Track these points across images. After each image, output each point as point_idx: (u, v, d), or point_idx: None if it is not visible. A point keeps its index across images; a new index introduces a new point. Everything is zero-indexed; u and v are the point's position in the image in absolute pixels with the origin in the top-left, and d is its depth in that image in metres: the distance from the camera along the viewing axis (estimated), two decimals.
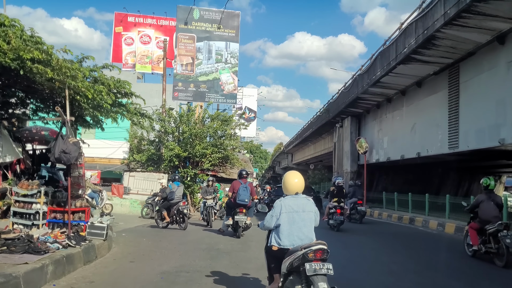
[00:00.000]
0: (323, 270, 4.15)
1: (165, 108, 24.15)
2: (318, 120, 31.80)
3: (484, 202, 8.23)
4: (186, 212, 12.01)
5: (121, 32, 36.86)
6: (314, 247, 4.26)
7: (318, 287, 4.06)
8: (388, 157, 20.41)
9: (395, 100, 19.65)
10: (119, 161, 25.35)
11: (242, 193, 10.41)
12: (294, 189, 4.77)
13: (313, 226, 4.74)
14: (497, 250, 7.71)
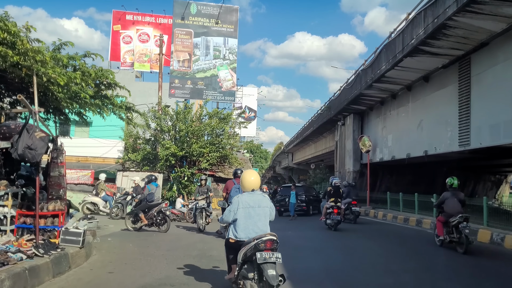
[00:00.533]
0: (272, 258, 4.62)
1: (161, 106, 23.32)
2: (320, 118, 30.93)
3: (449, 199, 9.47)
4: (169, 214, 11.87)
5: (119, 31, 36.47)
6: (264, 238, 4.77)
7: (267, 274, 4.51)
8: (392, 156, 19.54)
9: (401, 96, 18.78)
10: (114, 161, 24.51)
11: (234, 194, 9.72)
12: (251, 186, 5.21)
13: (267, 220, 5.20)
14: (458, 239, 9.00)
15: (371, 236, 12.22)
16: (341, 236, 12.00)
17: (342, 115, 25.40)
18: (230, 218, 5.19)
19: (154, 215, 11.59)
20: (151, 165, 23.29)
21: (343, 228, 13.25)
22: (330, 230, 12.80)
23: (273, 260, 4.64)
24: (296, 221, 18.73)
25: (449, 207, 9.42)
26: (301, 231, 13.63)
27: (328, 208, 13.08)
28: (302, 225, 16.50)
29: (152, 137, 23.37)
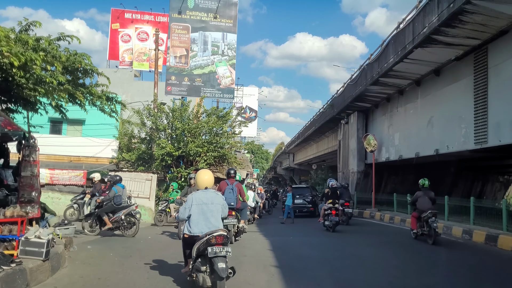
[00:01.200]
0: (223, 252, 4.98)
1: (156, 103, 22.32)
2: (322, 116, 29.87)
3: (421, 197, 11.00)
4: (138, 217, 11.04)
5: (118, 29, 35.92)
6: (215, 233, 5.13)
7: (217, 267, 4.87)
8: (400, 155, 18.47)
9: (409, 92, 17.72)
10: (108, 160, 23.48)
11: (228, 195, 9.53)
12: (204, 184, 5.64)
13: (220, 216, 5.54)
14: (428, 232, 10.42)
15: (380, 243, 11.14)
16: (346, 242, 11.07)
17: (346, 113, 24.36)
18: (185, 215, 5.51)
19: (121, 218, 10.70)
20: (146, 165, 22.29)
21: (342, 230, 13.45)
22: (328, 231, 13.03)
23: (223, 254, 5.02)
24: (298, 223, 17.70)
25: (421, 205, 10.92)
26: (304, 236, 12.60)
27: (326, 209, 13.30)
28: (304, 229, 15.50)
29: (147, 136, 22.38)
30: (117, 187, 11.13)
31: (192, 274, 5.32)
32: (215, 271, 4.94)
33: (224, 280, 4.96)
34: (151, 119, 21.76)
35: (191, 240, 5.36)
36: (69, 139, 23.38)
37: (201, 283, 5.12)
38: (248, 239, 11.01)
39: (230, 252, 5.10)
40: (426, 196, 10.97)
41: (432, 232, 10.21)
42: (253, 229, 14.56)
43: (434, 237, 10.19)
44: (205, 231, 5.28)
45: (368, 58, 18.73)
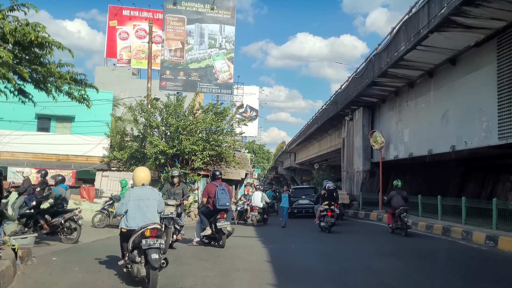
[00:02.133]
0: (156, 244, 5.40)
1: (149, 99, 21.04)
2: (325, 113, 28.53)
3: (395, 196, 12.83)
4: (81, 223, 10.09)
5: (116, 26, 35.40)
6: (150, 226, 5.53)
7: (151, 258, 5.27)
8: (410, 153, 17.12)
9: (420, 84, 16.37)
10: (98, 159, 22.17)
11: (222, 196, 9.10)
12: (141, 181, 6.04)
13: (156, 211, 5.88)
14: (401, 226, 12.22)
15: (393, 252, 9.80)
16: (354, 250, 9.77)
17: (350, 109, 23.03)
18: (123, 210, 5.74)
19: (61, 222, 9.74)
20: (139, 164, 20.97)
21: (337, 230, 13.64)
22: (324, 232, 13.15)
23: (157, 245, 5.35)
24: (298, 225, 16.42)
25: (394, 202, 12.69)
26: (306, 243, 11.26)
27: (322, 211, 13.46)
28: (305, 232, 14.21)
29: (140, 134, 21.08)
30: (59, 188, 10.14)
31: (127, 265, 5.64)
32: (149, 261, 5.28)
33: (157, 270, 5.33)
34: (143, 116, 20.48)
35: (128, 234, 5.62)
36: (57, 137, 22.08)
37: (135, 273, 5.41)
38: (244, 247, 9.68)
39: (163, 244, 5.53)
40: (399, 195, 12.89)
41: (404, 225, 12.15)
42: (251, 234, 13.23)
43: (405, 230, 12.16)
44: (142, 224, 5.57)
45: (375, 48, 17.40)
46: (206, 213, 9.29)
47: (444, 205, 14.69)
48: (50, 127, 22.78)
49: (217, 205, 9.02)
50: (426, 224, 14.22)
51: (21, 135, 20.96)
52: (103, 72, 35.29)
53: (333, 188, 14.10)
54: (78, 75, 8.19)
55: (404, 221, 11.97)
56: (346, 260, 8.37)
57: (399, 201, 12.58)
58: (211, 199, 9.17)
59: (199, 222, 9.21)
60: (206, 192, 9.35)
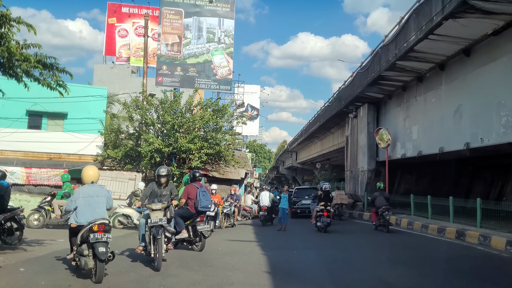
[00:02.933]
0: (104, 238, 5.78)
1: (144, 95, 20.15)
2: (327, 111, 27.58)
3: (378, 197, 14.36)
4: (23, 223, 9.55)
5: (115, 24, 34.92)
6: (98, 221, 5.87)
7: (98, 251, 5.66)
8: (419, 151, 16.14)
9: (430, 78, 15.40)
10: (92, 158, 21.23)
11: (204, 198, 8.82)
12: (90, 179, 6.41)
13: (105, 207, 6.22)
14: (383, 223, 13.78)
15: (408, 261, 8.85)
16: (365, 258, 8.81)
17: (354, 105, 22.06)
18: (72, 207, 6.07)
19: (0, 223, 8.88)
20: (134, 163, 20.12)
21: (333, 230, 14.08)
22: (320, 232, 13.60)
23: (104, 239, 5.79)
24: (296, 227, 15.48)
25: (377, 202, 14.11)
26: (310, 248, 10.31)
27: (318, 211, 13.86)
28: (308, 236, 13.27)
29: (135, 131, 20.17)
30: None
31: (75, 258, 5.94)
32: (96, 254, 5.64)
33: (104, 262, 5.70)
34: (138, 113, 19.59)
35: (77, 229, 5.91)
36: (49, 135, 21.13)
37: (83, 265, 5.79)
38: (240, 253, 8.74)
39: (110, 238, 5.85)
40: (382, 196, 14.40)
41: (386, 222, 13.67)
42: (249, 238, 12.30)
43: (387, 227, 13.62)
44: (90, 220, 5.86)
45: (382, 40, 16.45)
46: (186, 215, 8.92)
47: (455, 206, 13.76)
48: (42, 124, 21.83)
49: (199, 207, 8.77)
50: (438, 227, 13.28)
51: (10, 132, 20.04)
52: (102, 70, 34.52)
53: (329, 189, 14.65)
54: (47, 58, 7.21)
55: (386, 218, 13.74)
56: (355, 270, 7.43)
57: (382, 201, 14.09)
58: (191, 201, 8.87)
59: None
60: (186, 194, 8.98)
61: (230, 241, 11.40)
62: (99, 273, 5.63)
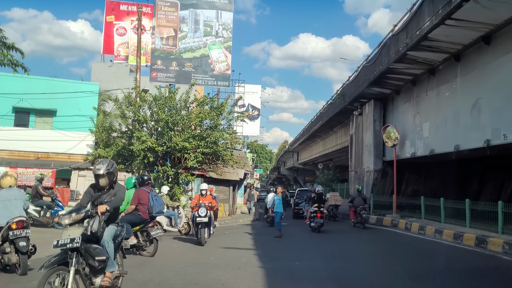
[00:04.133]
0: (23, 234, 6.30)
1: (137, 91, 18.98)
2: (330, 109, 26.39)
3: (356, 198, 16.33)
4: None
5: (113, 22, 34.08)
6: (15, 219, 6.37)
7: (19, 245, 6.21)
8: (431, 150, 14.94)
9: (443, 70, 14.21)
10: (82, 158, 20.04)
11: (157, 203, 8.60)
12: (8, 184, 6.81)
13: (22, 208, 6.65)
14: (360, 220, 15.65)
15: (427, 272, 7.67)
16: (377, 269, 7.58)
17: (359, 102, 20.89)
18: None
19: None
20: (127, 163, 18.93)
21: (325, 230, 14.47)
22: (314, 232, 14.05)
23: (24, 235, 6.31)
24: (300, 231, 14.28)
25: (356, 202, 15.97)
26: (314, 260, 9.05)
27: (312, 212, 14.45)
28: (309, 242, 12.04)
29: (127, 129, 19.00)
30: None
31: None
32: (18, 249, 6.25)
33: (26, 255, 6.35)
34: (131, 110, 18.42)
35: None
36: (36, 133, 20.00)
37: (7, 261, 6.32)
38: (234, 265, 7.56)
39: (30, 233, 6.47)
40: (359, 197, 16.24)
41: (363, 220, 15.50)
42: (246, 245, 11.10)
43: (363, 224, 15.44)
44: (8, 220, 6.38)
45: (391, 30, 15.25)
46: (134, 222, 8.43)
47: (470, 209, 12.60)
48: (29, 122, 20.69)
49: (153, 213, 8.51)
50: (454, 233, 12.06)
51: None
52: (100, 69, 33.53)
53: (321, 192, 15.38)
54: (5, 38, 6.05)
55: (363, 217, 15.57)
56: None
57: (360, 201, 16.02)
58: (143, 206, 8.46)
59: None
60: (137, 199, 8.50)
61: (224, 249, 10.23)
62: (23, 265, 6.20)
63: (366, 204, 16.30)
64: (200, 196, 11.71)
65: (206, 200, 11.66)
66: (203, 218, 10.80)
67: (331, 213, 19.34)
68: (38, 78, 20.98)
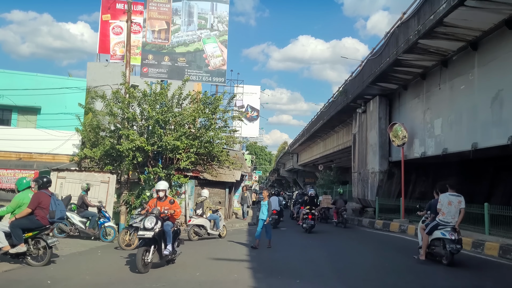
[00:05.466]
0: None
1: (126, 86, 17.75)
2: (332, 107, 25.11)
3: (338, 200, 18.59)
4: None
5: (109, 21, 32.94)
6: None
7: None
8: (444, 149, 13.64)
9: (458, 61, 12.92)
10: (67, 158, 18.76)
11: (59, 208, 7.92)
12: None
13: None
14: (341, 220, 17.79)
15: None
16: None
17: (363, 99, 19.62)
18: None
19: None
20: (115, 163, 17.65)
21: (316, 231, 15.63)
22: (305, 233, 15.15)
23: None
24: (300, 238, 12.97)
25: (338, 204, 18.35)
26: (316, 275, 7.74)
27: (304, 214, 15.81)
28: (312, 252, 10.70)
29: (116, 128, 17.74)
30: None
31: None
32: None
33: None
34: (119, 106, 17.18)
35: None
36: (19, 131, 18.70)
37: None
38: (222, 283, 6.26)
39: None
40: (341, 199, 18.55)
41: (344, 220, 17.66)
42: (239, 255, 9.78)
43: (345, 224, 17.57)
44: None
45: (399, 18, 13.96)
46: (28, 227, 7.72)
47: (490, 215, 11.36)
48: (11, 120, 19.40)
49: (55, 218, 7.89)
50: (472, 241, 10.85)
51: None
52: (95, 68, 32.35)
53: (314, 195, 16.65)
54: None
55: (344, 217, 17.82)
56: None
57: (341, 203, 18.31)
58: (43, 211, 7.74)
59: None
60: (36, 202, 7.69)
61: (214, 261, 8.95)
62: None
63: (346, 205, 18.65)
64: (158, 200, 8.44)
65: (164, 204, 8.34)
66: (146, 232, 7.59)
67: (323, 215, 20.23)
68: (21, 74, 19.74)
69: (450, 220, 8.37)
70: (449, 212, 8.43)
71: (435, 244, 8.56)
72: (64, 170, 14.31)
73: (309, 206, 15.59)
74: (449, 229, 8.24)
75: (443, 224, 8.40)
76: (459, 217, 8.40)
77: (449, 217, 8.40)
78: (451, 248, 8.00)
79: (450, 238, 8.09)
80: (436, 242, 8.53)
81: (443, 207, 8.49)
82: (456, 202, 8.50)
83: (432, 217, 8.83)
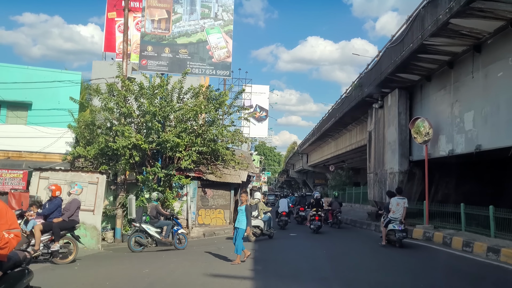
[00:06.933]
0: None
1: (121, 78, 16.44)
2: (345, 103, 23.45)
3: (334, 202, 19.45)
4: None
5: (115, 18, 31.97)
6: None
7: None
8: (477, 146, 11.93)
9: (493, 45, 11.24)
10: (60, 157, 17.39)
11: None
12: None
13: None
14: (336, 221, 18.89)
15: None
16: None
17: (380, 93, 17.98)
18: None
19: None
20: (111, 163, 16.30)
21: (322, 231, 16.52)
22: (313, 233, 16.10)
23: None
24: (309, 244, 11.46)
25: (333, 206, 19.25)
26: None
27: (311, 215, 16.77)
28: (323, 264, 9.12)
29: (112, 124, 16.39)
30: None
31: None
32: None
33: None
34: (114, 100, 15.83)
35: None
36: (8, 128, 17.37)
37: None
38: None
39: None
40: (336, 201, 19.61)
41: (338, 221, 18.97)
42: (242, 272, 8.20)
43: (338, 224, 18.95)
44: None
45: None
46: None
47: None
48: (0, 115, 18.11)
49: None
50: None
51: None
52: (101, 67, 31.21)
53: (319, 198, 17.89)
54: None
55: (338, 218, 18.89)
56: None
57: (337, 206, 19.17)
58: None
59: None
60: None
61: (211, 278, 7.41)
62: None
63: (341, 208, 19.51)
64: None
65: None
66: None
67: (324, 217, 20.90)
68: (10, 66, 18.50)
69: (398, 216, 11.88)
70: (397, 211, 11.96)
71: (389, 233, 11.98)
72: (48, 169, 12.87)
73: (316, 208, 16.72)
74: (397, 223, 11.73)
75: (393, 219, 11.91)
76: (403, 213, 11.91)
77: (398, 214, 11.91)
78: (399, 235, 11.51)
79: (398, 229, 11.57)
80: (390, 232, 11.94)
81: (393, 207, 12.11)
82: (402, 203, 12.05)
83: (386, 215, 12.44)
